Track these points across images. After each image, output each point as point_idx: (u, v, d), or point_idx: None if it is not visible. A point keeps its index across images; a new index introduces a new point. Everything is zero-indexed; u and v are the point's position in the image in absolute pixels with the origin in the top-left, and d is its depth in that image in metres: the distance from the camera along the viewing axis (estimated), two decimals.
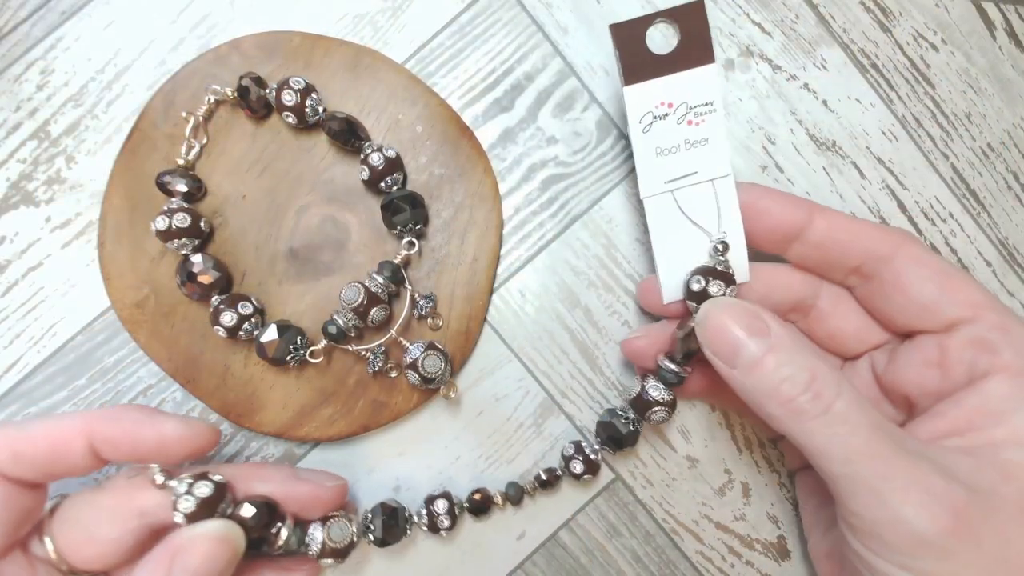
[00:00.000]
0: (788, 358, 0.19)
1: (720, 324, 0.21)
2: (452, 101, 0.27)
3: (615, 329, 0.27)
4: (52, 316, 0.26)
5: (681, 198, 0.23)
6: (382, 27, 0.27)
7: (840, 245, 0.22)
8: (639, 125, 0.23)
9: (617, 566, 0.27)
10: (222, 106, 0.26)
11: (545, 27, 0.27)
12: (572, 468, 0.25)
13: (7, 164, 0.26)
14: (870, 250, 0.22)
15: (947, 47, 0.28)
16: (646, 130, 0.23)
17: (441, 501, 0.25)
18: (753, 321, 0.20)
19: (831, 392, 0.19)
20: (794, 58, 0.28)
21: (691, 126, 0.23)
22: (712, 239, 0.23)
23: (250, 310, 0.24)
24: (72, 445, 0.20)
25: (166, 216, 0.24)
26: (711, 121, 0.23)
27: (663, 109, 0.23)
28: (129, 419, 0.21)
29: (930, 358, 0.21)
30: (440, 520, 0.24)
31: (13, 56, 0.26)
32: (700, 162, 0.23)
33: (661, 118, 0.23)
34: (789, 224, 0.22)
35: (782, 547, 0.27)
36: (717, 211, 0.23)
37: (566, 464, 0.25)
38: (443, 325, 0.26)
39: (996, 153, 0.28)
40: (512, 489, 0.25)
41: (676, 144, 0.23)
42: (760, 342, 0.20)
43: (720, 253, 0.23)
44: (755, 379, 0.20)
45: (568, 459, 0.25)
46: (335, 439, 0.26)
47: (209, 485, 0.20)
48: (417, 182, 0.26)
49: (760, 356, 0.20)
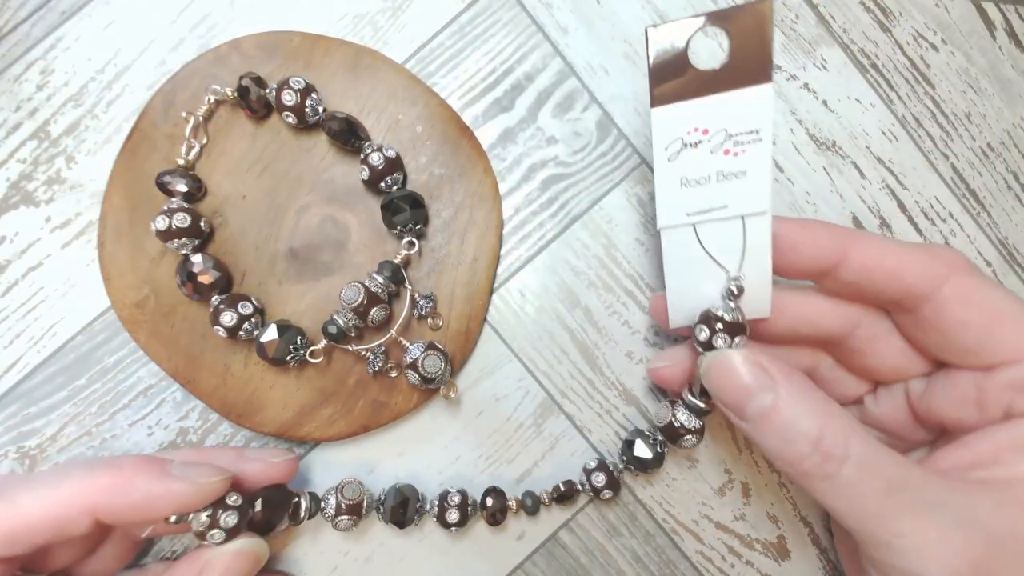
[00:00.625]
0: (793, 416, 0.18)
1: (722, 378, 0.20)
2: (452, 101, 0.27)
3: (615, 329, 0.27)
4: (52, 316, 0.26)
5: (703, 231, 0.20)
6: (382, 27, 0.27)
7: (876, 283, 0.20)
8: (664, 152, 0.19)
9: (617, 566, 0.27)
10: (222, 106, 0.26)
11: (545, 27, 0.27)
12: (595, 483, 0.25)
13: (7, 164, 0.26)
14: (910, 287, 0.20)
15: (947, 47, 0.28)
16: (672, 159, 0.19)
17: (456, 496, 0.25)
18: (758, 375, 0.19)
19: (839, 453, 0.18)
20: (794, 58, 0.28)
21: (727, 156, 0.19)
22: (728, 280, 0.21)
23: (250, 310, 0.24)
24: (75, 522, 0.19)
25: (166, 216, 0.24)
26: (753, 152, 0.19)
27: (695, 136, 0.19)
28: (138, 490, 0.19)
29: (967, 396, 0.20)
30: (450, 513, 0.24)
31: (13, 56, 0.26)
32: (732, 196, 0.20)
33: (692, 146, 0.19)
34: (821, 262, 0.20)
35: (782, 547, 0.27)
36: (742, 249, 0.20)
37: (587, 479, 0.25)
38: (443, 325, 0.26)
39: (996, 153, 0.28)
40: (529, 499, 0.25)
41: (706, 175, 0.20)
42: (765, 397, 0.19)
43: (732, 297, 0.21)
44: (763, 435, 0.19)
45: (589, 473, 0.25)
46: (335, 439, 0.26)
47: (234, 513, 0.21)
48: (417, 182, 0.26)
49: (766, 412, 0.19)
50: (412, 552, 0.27)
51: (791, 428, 0.18)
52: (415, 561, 0.27)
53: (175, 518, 0.20)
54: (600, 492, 0.25)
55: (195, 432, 0.26)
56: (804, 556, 0.27)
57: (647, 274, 0.27)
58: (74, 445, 0.26)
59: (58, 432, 0.26)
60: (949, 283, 0.19)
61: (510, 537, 0.27)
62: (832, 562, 0.27)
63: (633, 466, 0.25)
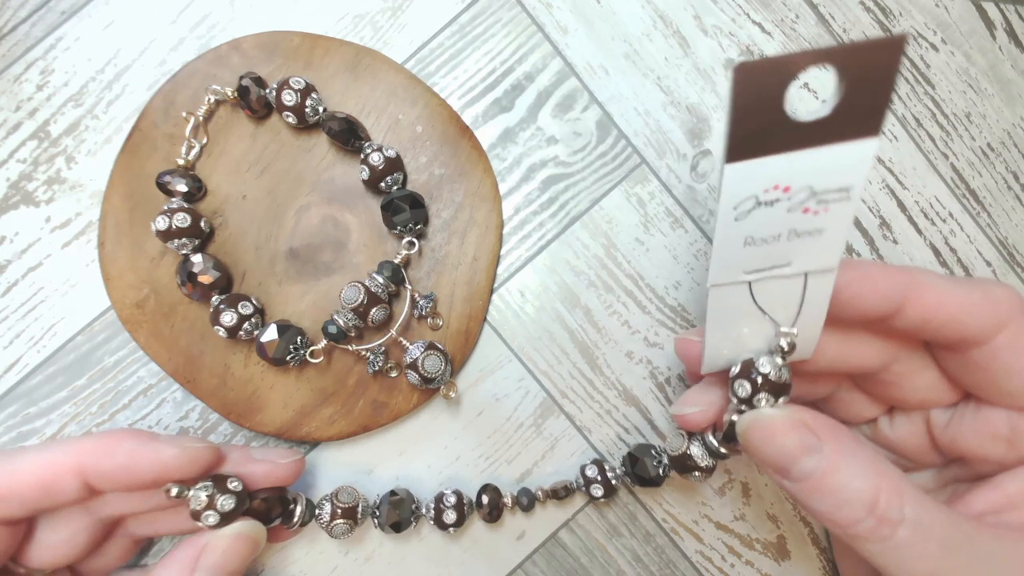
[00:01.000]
0: (844, 478, 0.18)
1: (764, 441, 0.19)
2: (452, 101, 0.27)
3: (615, 329, 0.27)
4: (52, 316, 0.26)
5: (758, 288, 0.18)
6: (382, 27, 0.27)
7: (932, 331, 0.19)
8: (732, 212, 0.16)
9: (617, 566, 0.27)
10: (222, 106, 0.26)
11: (545, 27, 0.27)
12: (592, 492, 0.25)
13: (7, 164, 0.26)
14: (967, 335, 0.19)
15: (947, 47, 0.28)
16: (740, 218, 0.16)
17: (451, 497, 0.25)
18: (803, 437, 0.18)
19: (895, 515, 0.17)
20: None
21: (806, 214, 0.16)
22: (779, 335, 0.19)
23: (250, 310, 0.24)
24: (64, 482, 0.19)
25: (166, 216, 0.24)
26: (837, 211, 0.16)
27: (773, 194, 0.16)
28: (124, 450, 0.20)
29: (999, 433, 0.20)
30: (446, 514, 0.24)
31: (13, 56, 0.26)
32: (800, 253, 0.17)
33: (767, 204, 0.16)
34: (879, 312, 0.19)
35: (782, 547, 0.27)
36: (799, 304, 0.18)
37: (586, 486, 0.25)
38: (443, 325, 0.26)
39: (996, 153, 0.28)
40: (525, 497, 0.25)
41: (776, 234, 0.17)
42: (811, 460, 0.18)
43: (782, 354, 0.19)
44: (811, 498, 0.18)
45: (589, 482, 0.25)
46: (335, 439, 0.26)
47: (231, 498, 0.21)
48: (417, 182, 0.26)
49: (811, 475, 0.18)
50: (412, 552, 0.27)
51: (842, 491, 0.18)
52: (415, 561, 0.27)
53: (175, 491, 0.20)
54: (596, 498, 0.25)
55: (195, 432, 0.26)
56: (804, 556, 0.27)
57: (647, 274, 0.27)
58: None
59: (58, 432, 0.26)
60: (1006, 330, 0.19)
61: (510, 537, 0.27)
62: (832, 562, 0.27)
63: (632, 480, 0.25)
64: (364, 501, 0.24)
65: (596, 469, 0.25)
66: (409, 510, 0.25)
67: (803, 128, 0.15)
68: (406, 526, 0.24)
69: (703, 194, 0.27)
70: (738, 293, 0.18)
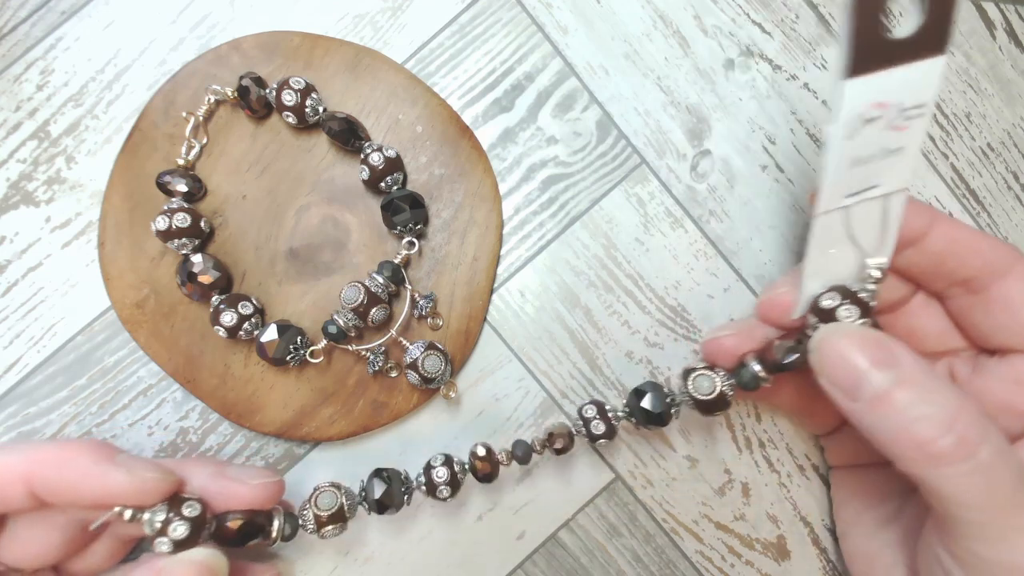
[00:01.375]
0: (923, 394, 0.17)
1: (839, 352, 0.18)
2: (452, 101, 0.27)
3: (615, 329, 0.27)
4: (52, 316, 0.26)
5: (851, 215, 0.20)
6: (382, 27, 0.27)
7: (957, 257, 0.21)
8: (846, 128, 0.18)
9: (617, 566, 0.27)
10: (222, 106, 0.26)
11: (545, 27, 0.27)
12: (593, 429, 0.23)
13: (7, 164, 0.26)
14: (987, 264, 0.20)
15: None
16: (850, 136, 0.18)
17: (442, 469, 0.23)
18: (878, 351, 0.18)
19: (976, 435, 0.17)
20: (794, 58, 0.28)
21: (894, 132, 0.18)
22: (871, 263, 0.20)
23: (250, 310, 0.24)
24: (10, 488, 0.19)
25: (166, 216, 0.24)
26: (915, 127, 0.18)
27: (875, 112, 0.18)
28: (74, 467, 0.19)
29: (1023, 378, 0.20)
30: (440, 490, 0.23)
31: (13, 56, 0.26)
32: (886, 173, 0.19)
33: (870, 121, 0.18)
34: (909, 232, 0.20)
35: (782, 547, 0.27)
36: (882, 230, 0.20)
37: (585, 425, 0.23)
38: (443, 325, 0.26)
39: (996, 153, 0.28)
40: (520, 449, 0.24)
41: (873, 153, 0.19)
42: (887, 374, 0.18)
43: (874, 281, 0.20)
44: (880, 416, 0.18)
45: (588, 421, 0.23)
46: (335, 439, 0.26)
47: (184, 525, 0.20)
48: (417, 182, 0.26)
49: (887, 390, 0.17)
50: (412, 552, 0.27)
51: (918, 407, 0.17)
52: (415, 561, 0.27)
53: (128, 514, 0.19)
54: (596, 437, 0.23)
55: (195, 432, 0.26)
56: (804, 556, 0.27)
57: (647, 274, 0.27)
58: None
59: (58, 432, 0.26)
60: (1018, 267, 0.20)
61: (510, 537, 0.27)
62: (832, 562, 0.27)
63: (637, 417, 0.23)
64: (348, 495, 0.23)
65: (595, 409, 0.24)
66: (399, 489, 0.23)
67: (897, 46, 0.17)
68: (400, 504, 0.23)
69: (703, 194, 0.27)
70: (835, 221, 0.20)
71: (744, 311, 0.27)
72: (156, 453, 0.26)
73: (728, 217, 0.27)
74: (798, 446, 0.27)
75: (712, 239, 0.27)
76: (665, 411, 0.23)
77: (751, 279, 0.27)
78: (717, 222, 0.27)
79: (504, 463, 0.24)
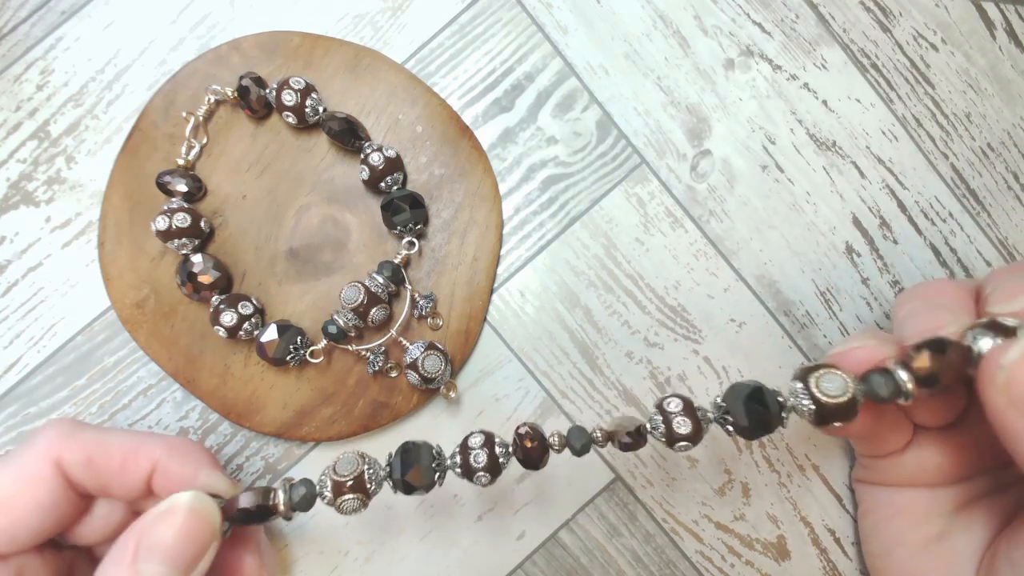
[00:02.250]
0: None
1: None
2: (452, 101, 0.27)
3: (615, 329, 0.27)
4: (52, 316, 0.26)
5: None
6: (382, 27, 0.27)
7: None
8: None
9: (617, 566, 0.27)
10: (222, 106, 0.26)
11: (545, 27, 0.27)
12: (676, 427, 0.20)
13: (7, 164, 0.26)
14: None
15: (947, 47, 0.28)
16: None
17: (481, 452, 0.20)
18: None
19: None
20: (794, 58, 0.28)
21: None
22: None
23: (250, 310, 0.24)
24: (140, 468, 0.20)
25: (166, 216, 0.24)
26: None
27: None
28: (192, 461, 0.20)
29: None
30: (479, 476, 0.20)
31: (13, 56, 0.26)
32: None
33: None
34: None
35: (782, 547, 0.27)
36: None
37: (666, 422, 0.20)
38: (443, 325, 0.26)
39: (996, 153, 0.28)
40: (578, 439, 0.20)
41: None
42: None
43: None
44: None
45: (670, 416, 0.20)
46: (335, 439, 0.26)
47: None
48: (417, 182, 0.26)
49: None
50: (412, 552, 0.27)
51: None
52: (415, 561, 0.27)
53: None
54: (679, 438, 0.20)
55: (195, 432, 0.26)
56: (804, 556, 0.27)
57: (647, 274, 0.27)
58: None
59: None
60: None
61: (510, 537, 0.27)
62: (832, 562, 0.27)
63: (736, 418, 0.19)
64: (370, 465, 0.20)
65: (680, 403, 0.20)
66: (430, 460, 0.20)
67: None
68: (427, 487, 0.20)
69: (703, 194, 0.27)
70: None
71: (744, 311, 0.27)
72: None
73: (728, 217, 0.27)
74: (798, 446, 0.27)
75: (712, 239, 0.27)
76: (776, 414, 0.19)
77: (751, 279, 0.27)
78: (717, 222, 0.27)
79: (556, 448, 0.21)
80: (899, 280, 0.28)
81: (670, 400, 0.20)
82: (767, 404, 0.19)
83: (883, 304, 0.28)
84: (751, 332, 0.27)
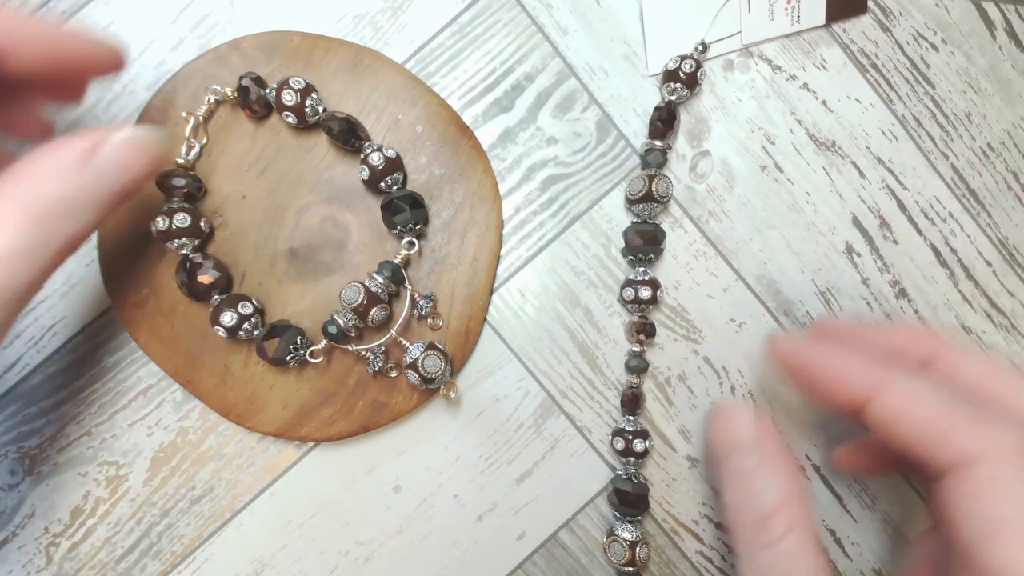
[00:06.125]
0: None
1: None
2: (452, 101, 0.27)
3: (615, 329, 0.27)
4: (52, 316, 0.26)
5: None
6: (382, 27, 0.27)
7: (896, 440, 0.19)
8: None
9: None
10: (222, 106, 0.26)
11: (545, 27, 0.27)
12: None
13: None
14: (925, 457, 0.18)
15: (947, 47, 0.28)
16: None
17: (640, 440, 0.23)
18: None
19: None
20: (794, 58, 0.28)
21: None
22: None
23: (250, 310, 0.24)
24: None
25: (166, 216, 0.24)
26: None
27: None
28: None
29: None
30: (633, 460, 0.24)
31: None
32: None
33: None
34: (845, 403, 0.20)
35: None
36: None
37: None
38: (443, 325, 0.26)
39: (996, 153, 0.28)
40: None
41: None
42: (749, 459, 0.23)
43: None
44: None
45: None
46: (335, 439, 0.26)
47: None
48: (417, 182, 0.26)
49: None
50: (412, 552, 0.27)
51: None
52: (415, 561, 0.27)
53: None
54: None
55: (195, 432, 0.26)
56: None
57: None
58: (74, 445, 0.26)
59: (58, 432, 0.26)
60: (976, 467, 0.16)
61: (510, 537, 0.27)
62: (831, 562, 0.27)
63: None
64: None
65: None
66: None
67: None
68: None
69: (702, 194, 0.27)
70: None
71: (744, 311, 0.27)
72: (156, 453, 0.26)
73: (727, 217, 0.27)
74: (798, 446, 0.27)
75: (711, 239, 0.27)
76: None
77: (751, 279, 0.27)
78: (716, 222, 0.27)
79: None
80: (899, 280, 0.28)
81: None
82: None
83: (883, 304, 0.28)
84: (751, 332, 0.27)
